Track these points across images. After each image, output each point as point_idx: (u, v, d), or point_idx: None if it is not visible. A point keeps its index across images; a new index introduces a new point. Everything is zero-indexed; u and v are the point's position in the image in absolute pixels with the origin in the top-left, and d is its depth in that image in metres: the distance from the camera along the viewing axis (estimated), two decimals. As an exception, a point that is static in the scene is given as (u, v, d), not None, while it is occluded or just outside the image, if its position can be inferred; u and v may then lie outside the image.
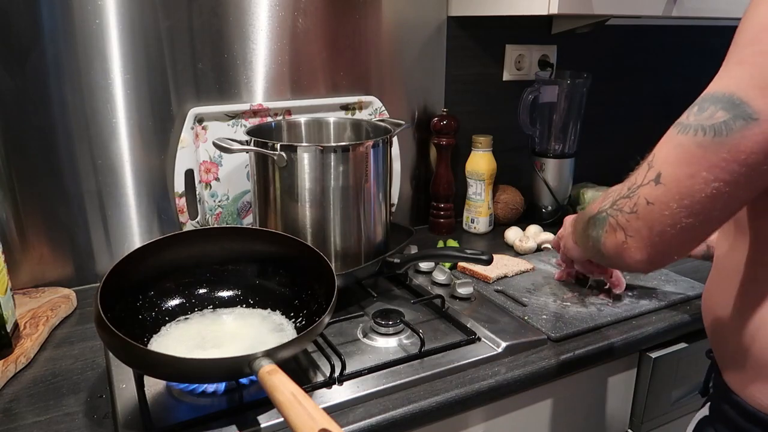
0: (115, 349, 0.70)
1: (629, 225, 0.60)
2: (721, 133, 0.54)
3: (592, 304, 1.01)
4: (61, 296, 1.02)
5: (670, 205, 0.57)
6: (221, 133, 1.12)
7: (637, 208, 0.59)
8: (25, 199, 1.02)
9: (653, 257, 0.60)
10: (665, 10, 1.20)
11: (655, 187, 0.58)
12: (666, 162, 0.58)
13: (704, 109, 0.56)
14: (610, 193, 0.66)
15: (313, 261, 0.86)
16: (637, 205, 0.59)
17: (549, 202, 1.44)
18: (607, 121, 1.66)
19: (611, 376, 0.99)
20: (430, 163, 1.42)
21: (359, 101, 1.26)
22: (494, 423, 0.88)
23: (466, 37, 1.37)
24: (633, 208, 0.60)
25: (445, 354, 0.86)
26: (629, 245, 0.61)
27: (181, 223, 1.15)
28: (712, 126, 0.54)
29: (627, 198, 0.61)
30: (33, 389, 0.80)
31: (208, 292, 0.90)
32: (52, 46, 0.98)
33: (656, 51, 1.69)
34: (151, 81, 1.07)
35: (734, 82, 0.55)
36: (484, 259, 0.91)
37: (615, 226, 0.62)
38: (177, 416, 0.72)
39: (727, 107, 0.54)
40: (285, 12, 1.15)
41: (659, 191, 0.58)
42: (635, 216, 0.60)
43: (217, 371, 0.70)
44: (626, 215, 0.61)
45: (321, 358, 0.82)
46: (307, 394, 0.61)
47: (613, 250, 0.63)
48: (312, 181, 0.95)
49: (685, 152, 0.56)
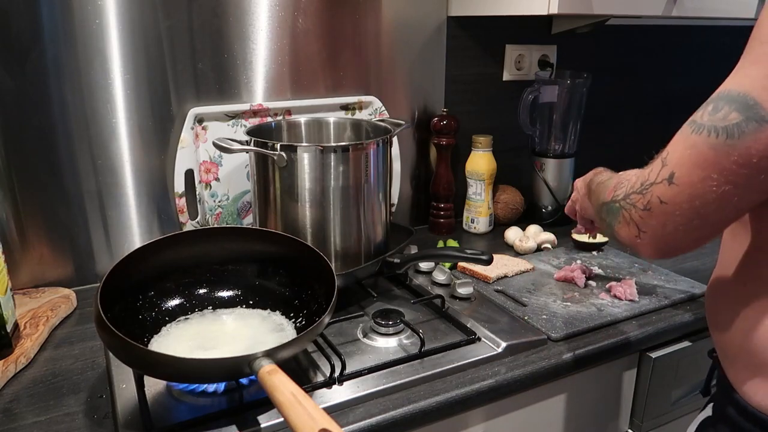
0: (115, 349, 0.70)
1: (642, 222, 0.62)
2: (733, 136, 0.54)
3: (592, 304, 1.01)
4: (61, 296, 1.02)
5: (682, 206, 0.58)
6: (221, 133, 1.12)
7: (651, 206, 0.61)
8: (25, 199, 1.02)
9: (664, 251, 0.62)
10: (665, 10, 1.20)
11: (669, 187, 0.59)
12: (680, 163, 0.58)
13: (719, 108, 0.56)
14: (622, 182, 0.67)
15: (313, 261, 0.86)
16: (651, 203, 0.61)
17: (549, 202, 1.44)
18: (607, 121, 1.66)
19: (611, 376, 0.99)
20: (430, 163, 1.42)
21: (359, 101, 1.26)
22: (494, 423, 0.88)
23: (466, 37, 1.37)
24: (646, 206, 0.61)
25: (445, 354, 0.86)
26: (642, 240, 0.63)
27: (181, 223, 1.15)
28: (725, 128, 0.54)
29: (640, 194, 0.62)
30: (33, 389, 0.80)
31: (208, 293, 0.90)
32: (52, 46, 0.98)
33: (656, 51, 1.69)
34: (151, 81, 1.07)
35: (749, 81, 0.55)
36: (484, 259, 0.91)
37: (628, 219, 0.64)
38: (177, 416, 0.72)
39: (741, 108, 0.54)
40: (285, 12, 1.15)
41: (672, 191, 0.58)
42: (648, 213, 0.61)
43: (217, 371, 0.70)
44: (639, 212, 0.62)
45: (321, 358, 0.82)
46: (307, 394, 0.61)
47: (627, 240, 0.65)
48: (312, 181, 0.95)
49: (698, 154, 0.56)
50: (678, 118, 0.63)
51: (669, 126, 0.63)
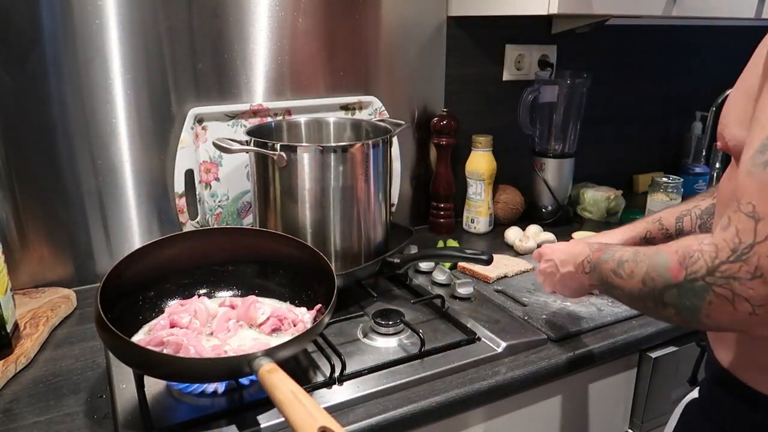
0: (115, 349, 0.70)
1: (756, 293, 0.52)
2: None
3: (592, 304, 1.01)
4: (61, 296, 1.02)
5: None
6: (221, 133, 1.12)
7: (762, 271, 0.51)
8: (25, 199, 1.02)
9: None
10: (665, 10, 1.20)
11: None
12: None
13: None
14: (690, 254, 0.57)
15: (313, 261, 0.86)
16: (760, 267, 0.51)
17: (549, 202, 1.44)
18: (607, 121, 1.66)
19: (611, 376, 0.99)
20: (430, 163, 1.42)
21: (359, 101, 1.26)
22: (494, 423, 0.88)
23: (465, 37, 1.37)
24: (755, 273, 0.51)
25: (445, 354, 0.86)
26: (761, 316, 0.52)
27: (181, 223, 1.15)
28: None
29: (739, 262, 0.52)
30: (33, 389, 0.80)
31: (208, 293, 0.90)
32: (52, 46, 0.98)
33: (656, 51, 1.68)
34: (151, 81, 1.07)
35: None
36: (484, 259, 0.91)
37: (730, 297, 0.53)
38: (177, 416, 0.72)
39: None
40: (285, 12, 1.15)
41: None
42: (761, 281, 0.51)
43: (217, 371, 0.70)
44: (747, 282, 0.52)
45: (321, 358, 0.82)
46: (307, 393, 0.61)
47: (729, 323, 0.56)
48: (312, 181, 0.95)
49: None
50: (678, 118, 0.62)
51: (669, 126, 0.62)
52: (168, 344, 0.74)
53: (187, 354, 0.72)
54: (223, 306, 0.85)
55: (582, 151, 1.45)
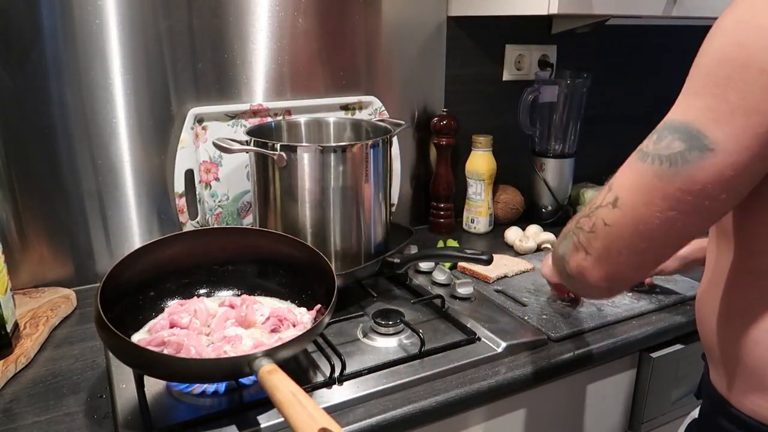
0: (115, 349, 0.70)
1: (589, 244, 0.62)
2: (676, 164, 0.55)
3: (592, 304, 1.01)
4: (61, 296, 1.02)
5: (626, 229, 0.59)
6: (221, 133, 1.12)
7: (596, 228, 0.62)
8: (25, 199, 1.02)
9: (611, 276, 0.62)
10: (665, 10, 1.20)
11: (612, 210, 0.60)
12: (624, 187, 0.60)
13: (663, 138, 0.57)
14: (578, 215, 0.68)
15: (313, 261, 0.86)
16: (596, 225, 0.62)
17: (549, 202, 1.44)
18: (607, 121, 1.66)
19: (611, 376, 0.99)
20: (430, 163, 1.42)
21: (359, 101, 1.26)
22: (494, 423, 0.88)
23: (465, 37, 1.37)
24: (592, 228, 0.62)
25: (445, 354, 0.86)
26: (588, 263, 0.63)
27: (181, 223, 1.15)
28: (668, 156, 0.56)
29: (587, 217, 0.63)
30: (33, 389, 0.80)
31: (208, 293, 0.90)
32: (52, 46, 0.98)
33: (656, 51, 1.69)
34: (151, 81, 1.07)
35: (692, 112, 0.56)
36: (484, 259, 0.91)
37: (577, 244, 0.64)
38: (177, 416, 0.72)
39: (684, 137, 0.55)
40: (285, 12, 1.15)
41: (616, 215, 0.60)
42: (594, 235, 0.62)
43: (217, 371, 0.70)
44: (586, 234, 0.63)
45: (321, 358, 0.82)
46: (307, 394, 0.61)
47: (576, 269, 0.65)
48: (312, 181, 0.95)
49: (642, 180, 0.58)
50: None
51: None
52: (169, 344, 0.74)
53: (188, 354, 0.72)
54: (222, 306, 0.85)
55: (582, 151, 1.45)
